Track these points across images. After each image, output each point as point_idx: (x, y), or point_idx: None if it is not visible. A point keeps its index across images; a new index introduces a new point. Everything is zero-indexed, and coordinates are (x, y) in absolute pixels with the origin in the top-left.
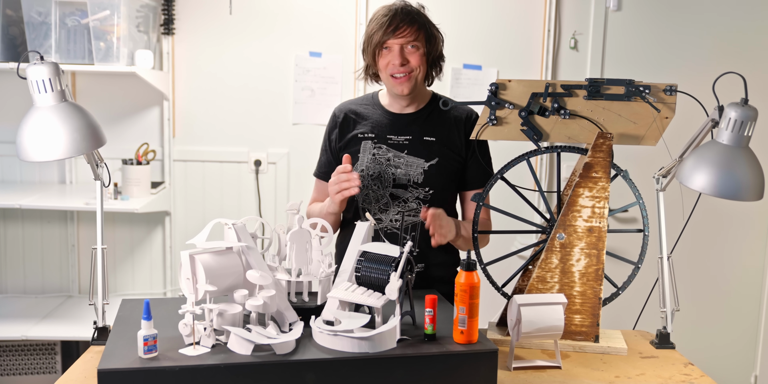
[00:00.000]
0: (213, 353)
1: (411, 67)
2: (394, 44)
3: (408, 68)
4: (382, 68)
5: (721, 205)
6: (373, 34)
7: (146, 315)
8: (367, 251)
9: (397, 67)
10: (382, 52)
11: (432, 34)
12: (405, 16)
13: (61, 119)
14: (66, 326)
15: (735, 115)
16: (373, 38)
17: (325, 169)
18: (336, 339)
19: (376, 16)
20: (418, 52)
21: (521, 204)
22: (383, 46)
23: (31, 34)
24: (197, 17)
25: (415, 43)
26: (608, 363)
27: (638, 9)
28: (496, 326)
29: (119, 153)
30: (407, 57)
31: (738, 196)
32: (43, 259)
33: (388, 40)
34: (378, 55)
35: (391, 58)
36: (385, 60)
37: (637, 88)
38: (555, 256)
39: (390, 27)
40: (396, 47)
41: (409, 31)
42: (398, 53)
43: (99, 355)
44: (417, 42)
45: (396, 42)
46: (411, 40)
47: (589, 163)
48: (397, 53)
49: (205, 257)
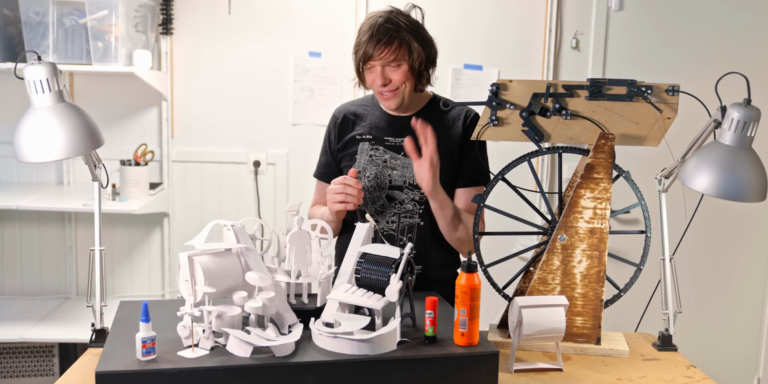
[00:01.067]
0: (212, 355)
1: (395, 84)
2: (375, 64)
3: (392, 86)
4: (369, 84)
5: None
6: (356, 50)
7: (144, 317)
8: (367, 253)
9: (380, 86)
10: (366, 69)
11: (413, 49)
12: (383, 36)
13: (58, 120)
14: (64, 328)
15: (738, 115)
16: (356, 55)
17: (324, 170)
18: (336, 341)
19: (361, 29)
20: (400, 68)
21: (522, 205)
22: (366, 66)
23: (28, 34)
24: (196, 17)
25: (396, 62)
26: (610, 365)
27: (640, 8)
28: (497, 328)
29: (117, 154)
30: (389, 76)
31: (741, 198)
32: (40, 261)
33: (369, 61)
34: (363, 71)
35: (374, 77)
36: (370, 77)
37: (639, 89)
38: (556, 258)
39: (369, 46)
40: (378, 68)
41: (387, 52)
42: (380, 74)
43: (97, 357)
44: (397, 60)
45: (376, 63)
46: (391, 61)
47: (590, 164)
48: (380, 74)
49: (203, 259)
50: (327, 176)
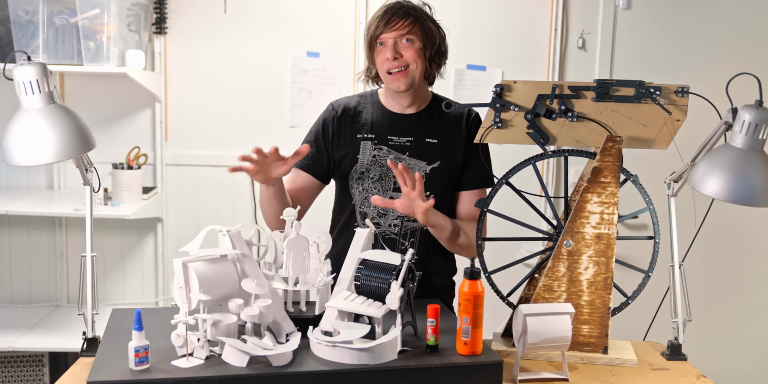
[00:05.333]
0: (207, 365)
1: (406, 61)
2: (387, 38)
3: (402, 62)
4: (379, 66)
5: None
6: (368, 30)
7: (137, 325)
8: (367, 259)
9: (390, 61)
10: (377, 48)
11: (428, 28)
12: (398, 10)
13: (49, 122)
14: (54, 337)
15: (749, 117)
16: (368, 34)
17: (308, 161)
18: (335, 350)
19: (375, 13)
20: (413, 46)
21: (527, 210)
22: (378, 42)
23: (17, 34)
24: (191, 16)
25: (409, 37)
26: (617, 375)
27: (649, 7)
28: (501, 337)
29: (109, 157)
30: (401, 51)
31: (752, 202)
32: (30, 267)
33: (381, 35)
34: (375, 52)
35: (385, 54)
36: (381, 56)
37: (647, 90)
38: (562, 264)
39: (382, 21)
40: (390, 41)
41: (401, 24)
42: (392, 47)
43: (88, 367)
44: (411, 35)
45: (389, 36)
46: (404, 34)
47: (597, 168)
48: (391, 47)
49: (198, 265)
50: (310, 168)
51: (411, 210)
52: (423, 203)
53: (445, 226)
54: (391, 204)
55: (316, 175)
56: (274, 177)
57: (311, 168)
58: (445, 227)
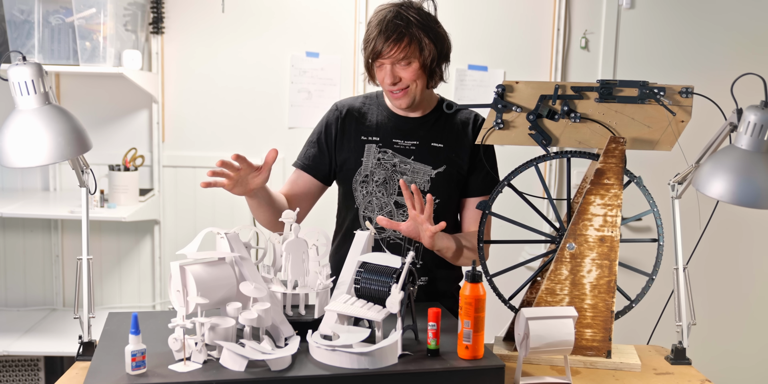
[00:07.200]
0: (204, 369)
1: (405, 82)
2: (385, 62)
3: (402, 85)
4: (380, 82)
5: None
6: (365, 45)
7: (134, 329)
8: (367, 262)
9: (389, 85)
10: (376, 65)
11: (424, 45)
12: (392, 33)
13: (44, 123)
14: (50, 341)
15: (755, 118)
16: (365, 52)
17: (311, 162)
18: (334, 354)
19: (370, 24)
20: (410, 67)
21: (529, 212)
22: (375, 64)
23: (12, 33)
24: (188, 16)
25: (406, 60)
26: (621, 380)
27: (652, 6)
28: (503, 341)
29: (106, 158)
30: (399, 74)
31: (758, 204)
32: (25, 270)
33: (378, 59)
34: (373, 68)
35: (384, 75)
36: (380, 75)
37: (651, 90)
38: (565, 267)
39: (377, 46)
40: (387, 66)
41: (396, 50)
42: (390, 72)
43: (84, 371)
44: (407, 58)
45: (386, 61)
46: (401, 58)
47: (600, 169)
48: (389, 72)
49: (196, 268)
50: (313, 170)
51: (417, 233)
52: (431, 227)
53: (450, 247)
54: (396, 226)
55: (318, 176)
56: (253, 188)
57: (312, 169)
58: (450, 248)
